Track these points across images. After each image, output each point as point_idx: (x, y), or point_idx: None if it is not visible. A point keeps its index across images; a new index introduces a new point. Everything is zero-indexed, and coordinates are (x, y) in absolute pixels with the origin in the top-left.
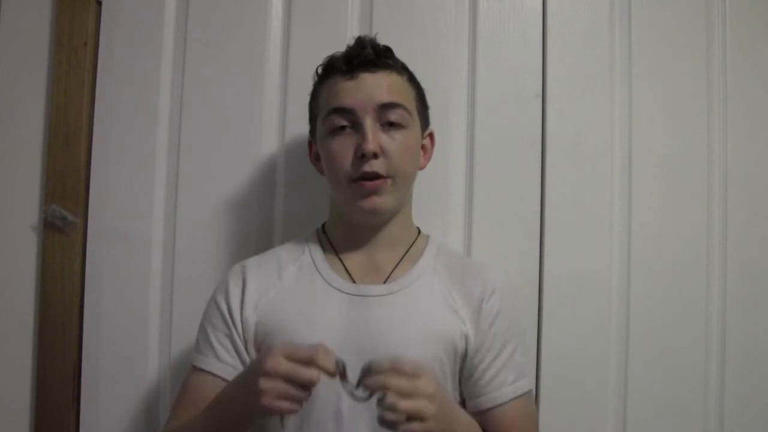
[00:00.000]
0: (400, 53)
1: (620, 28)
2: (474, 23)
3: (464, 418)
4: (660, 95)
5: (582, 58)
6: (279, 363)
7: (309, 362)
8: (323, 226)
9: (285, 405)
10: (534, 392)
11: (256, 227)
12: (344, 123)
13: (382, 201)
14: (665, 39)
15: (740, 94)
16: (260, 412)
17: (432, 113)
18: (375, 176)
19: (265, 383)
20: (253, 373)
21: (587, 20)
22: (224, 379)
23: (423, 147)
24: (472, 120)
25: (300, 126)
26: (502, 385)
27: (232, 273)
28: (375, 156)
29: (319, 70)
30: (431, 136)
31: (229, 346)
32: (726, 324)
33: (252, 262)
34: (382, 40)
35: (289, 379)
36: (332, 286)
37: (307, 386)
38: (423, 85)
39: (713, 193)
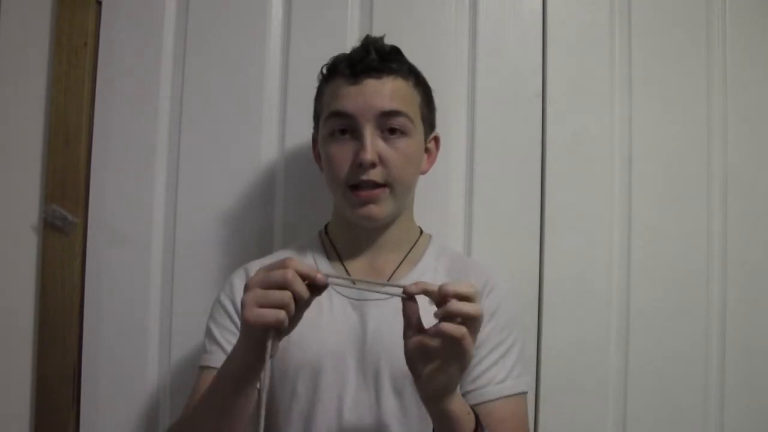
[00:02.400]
0: None
1: (620, 28)
2: (474, 23)
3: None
4: (660, 95)
5: (582, 58)
6: (256, 275)
7: (282, 266)
8: (326, 227)
9: (269, 313)
10: (526, 396)
11: (257, 227)
12: (344, 128)
13: (379, 209)
14: (665, 39)
15: (740, 93)
16: (246, 333)
17: None
18: (372, 185)
19: (244, 297)
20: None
21: (587, 20)
22: None
23: (427, 150)
24: (472, 120)
25: (300, 127)
26: (489, 383)
27: (236, 275)
28: (373, 165)
29: (324, 70)
30: (436, 139)
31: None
32: (726, 324)
33: (256, 266)
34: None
35: (266, 286)
36: (335, 291)
37: (285, 287)
38: None
39: (713, 193)
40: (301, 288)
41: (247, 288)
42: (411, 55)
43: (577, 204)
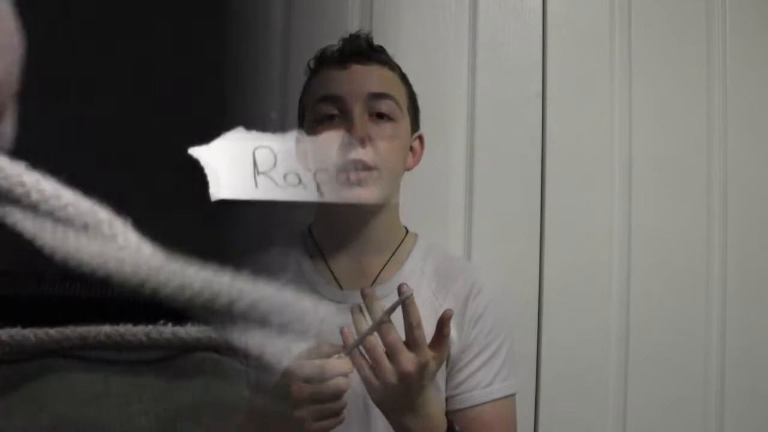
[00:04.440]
0: (399, 53)
1: (620, 28)
2: (474, 23)
3: (436, 407)
4: (660, 95)
5: (582, 58)
6: (301, 389)
7: (325, 378)
8: (309, 227)
9: (330, 423)
10: (515, 398)
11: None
12: (333, 112)
13: (368, 192)
14: (665, 39)
15: (740, 94)
16: None
17: (431, 113)
18: (361, 166)
19: (300, 413)
20: (281, 401)
21: (587, 20)
22: None
23: (412, 149)
24: (472, 120)
25: None
26: (475, 387)
27: None
28: (362, 143)
29: (312, 64)
30: (421, 139)
31: None
32: (726, 324)
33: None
34: (382, 40)
35: (318, 400)
36: (319, 294)
37: (339, 395)
38: (422, 85)
39: (713, 193)
40: (348, 383)
41: (297, 402)
42: (410, 56)
43: (577, 204)
